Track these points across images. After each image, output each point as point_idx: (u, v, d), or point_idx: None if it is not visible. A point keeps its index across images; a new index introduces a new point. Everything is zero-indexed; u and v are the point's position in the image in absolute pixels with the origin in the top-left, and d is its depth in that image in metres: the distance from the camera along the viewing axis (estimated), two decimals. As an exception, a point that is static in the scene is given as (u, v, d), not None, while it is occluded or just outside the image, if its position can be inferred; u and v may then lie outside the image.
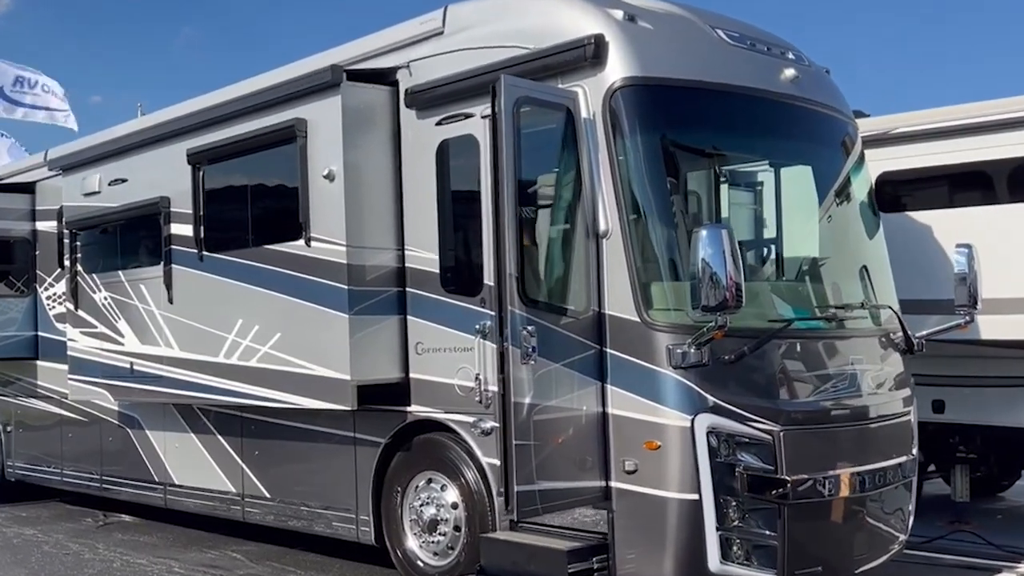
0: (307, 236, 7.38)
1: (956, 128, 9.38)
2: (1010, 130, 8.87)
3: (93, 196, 9.66)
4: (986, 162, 9.35)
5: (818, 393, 6.35)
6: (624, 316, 6.05)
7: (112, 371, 9.46)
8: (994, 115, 9.09)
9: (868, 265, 7.19)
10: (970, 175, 9.56)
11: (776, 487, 5.96)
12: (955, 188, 9.81)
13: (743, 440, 5.95)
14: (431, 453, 7.24)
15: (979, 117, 9.28)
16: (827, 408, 6.35)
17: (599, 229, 6.13)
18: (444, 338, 7.05)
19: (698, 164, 6.58)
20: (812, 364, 6.47)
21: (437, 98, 7.06)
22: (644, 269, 6.04)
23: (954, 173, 9.58)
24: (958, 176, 9.61)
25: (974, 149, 9.40)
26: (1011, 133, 8.88)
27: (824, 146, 7.12)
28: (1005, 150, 9.05)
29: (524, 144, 5.98)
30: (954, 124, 9.39)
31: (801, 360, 6.42)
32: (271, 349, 7.71)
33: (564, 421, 6.03)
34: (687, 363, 5.83)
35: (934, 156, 9.52)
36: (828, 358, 6.59)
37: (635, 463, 6.00)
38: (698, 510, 5.85)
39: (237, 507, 8.88)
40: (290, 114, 7.47)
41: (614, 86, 6.14)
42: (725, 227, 5.53)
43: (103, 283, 9.58)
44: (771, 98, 6.68)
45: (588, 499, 6.09)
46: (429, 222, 7.16)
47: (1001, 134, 9.10)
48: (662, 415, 5.90)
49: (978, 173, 9.50)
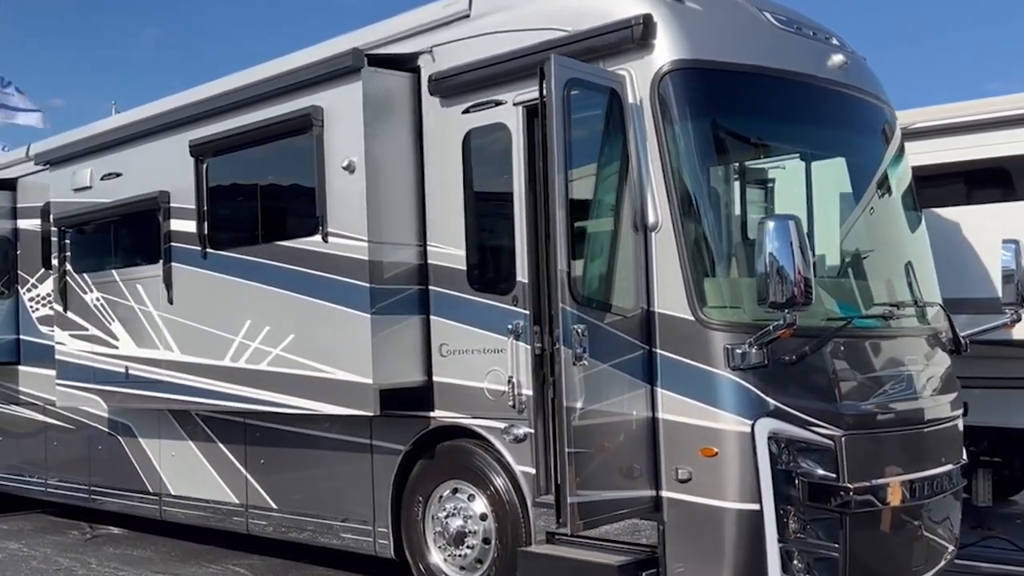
0: (324, 231, 6.94)
1: (974, 123, 9.18)
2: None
3: (84, 191, 9.15)
4: (1004, 158, 9.14)
5: (877, 396, 6.01)
6: (676, 314, 5.67)
7: (105, 376, 8.96)
8: (1012, 110, 8.89)
9: (913, 261, 6.87)
10: (988, 171, 9.35)
11: (838, 495, 5.61)
12: (972, 185, 9.60)
13: (804, 446, 5.60)
14: (457, 461, 6.83)
15: (997, 112, 9.09)
16: (886, 411, 6.02)
17: (648, 222, 5.76)
18: (472, 339, 6.65)
19: (751, 152, 6.23)
20: (869, 365, 6.14)
21: (464, 85, 6.66)
22: (697, 264, 5.67)
23: (971, 169, 9.36)
24: (975, 172, 9.40)
25: (992, 145, 9.20)
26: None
27: (871, 136, 6.80)
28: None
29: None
30: (971, 119, 9.18)
31: (858, 361, 6.08)
32: (283, 352, 7.26)
33: (611, 427, 5.64)
34: (747, 364, 5.46)
35: (951, 152, 9.30)
36: (884, 358, 6.26)
37: (689, 471, 5.62)
38: (758, 521, 5.48)
39: (240, 519, 8.41)
40: (305, 102, 7.03)
41: (663, 70, 5.78)
42: (793, 218, 5.17)
43: (95, 283, 9.07)
44: (821, 85, 6.36)
45: (638, 510, 5.71)
46: (454, 216, 6.76)
47: (1020, 129, 8.92)
48: (719, 420, 5.53)
49: (996, 169, 9.29)
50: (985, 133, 9.18)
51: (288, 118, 7.13)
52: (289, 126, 7.15)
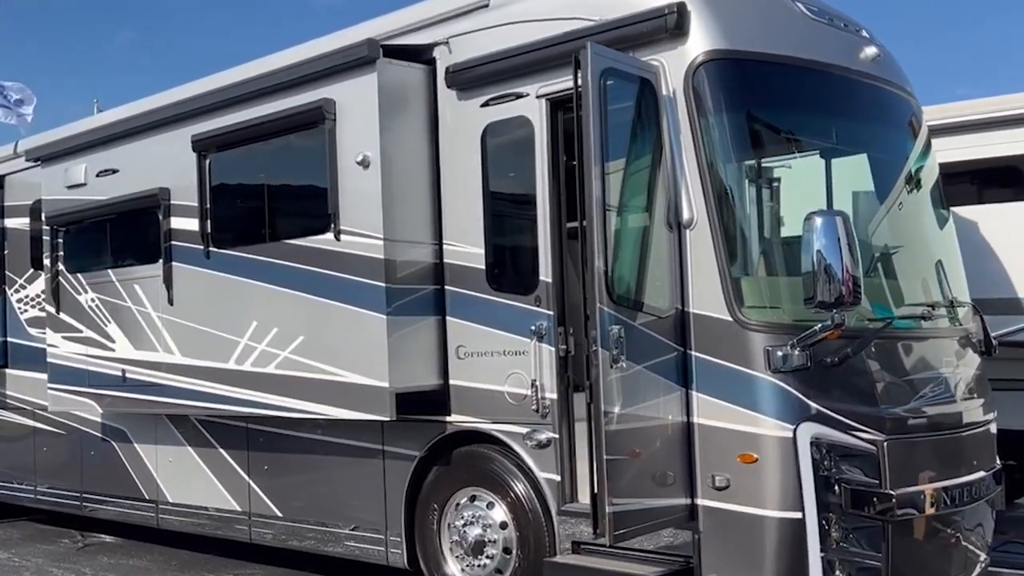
0: (336, 229, 6.67)
1: (985, 121, 9.03)
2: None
3: (78, 189, 8.83)
4: (1017, 156, 9.00)
5: (917, 399, 5.81)
6: (712, 315, 5.45)
7: (100, 379, 8.64)
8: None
9: (943, 259, 6.68)
10: (999, 170, 9.20)
11: (880, 503, 5.40)
12: (984, 184, 9.46)
13: (846, 451, 5.39)
14: (475, 467, 6.58)
15: (1009, 110, 8.95)
16: (926, 415, 5.82)
17: (682, 218, 5.53)
18: (491, 341, 6.40)
19: (788, 146, 6.00)
20: (907, 367, 5.94)
21: (483, 77, 6.42)
22: (735, 262, 5.45)
23: (983, 168, 9.22)
24: (987, 172, 9.26)
25: (1005, 143, 9.05)
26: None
27: (902, 130, 6.60)
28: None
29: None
30: (983, 117, 9.03)
31: (896, 363, 5.88)
32: (292, 354, 6.98)
33: (646, 432, 5.41)
34: (788, 366, 5.25)
35: (962, 151, 9.15)
36: (920, 360, 6.06)
37: (727, 478, 5.40)
38: (800, 530, 5.26)
39: (243, 527, 8.12)
40: (315, 94, 6.76)
41: (697, 60, 5.56)
42: (840, 214, 4.97)
43: (90, 283, 8.75)
44: (855, 77, 6.16)
45: (673, 519, 5.47)
46: (472, 213, 6.51)
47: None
48: (760, 424, 5.30)
49: (1008, 168, 9.15)
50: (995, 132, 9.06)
51: (298, 112, 6.86)
52: (299, 120, 6.87)
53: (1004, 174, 9.23)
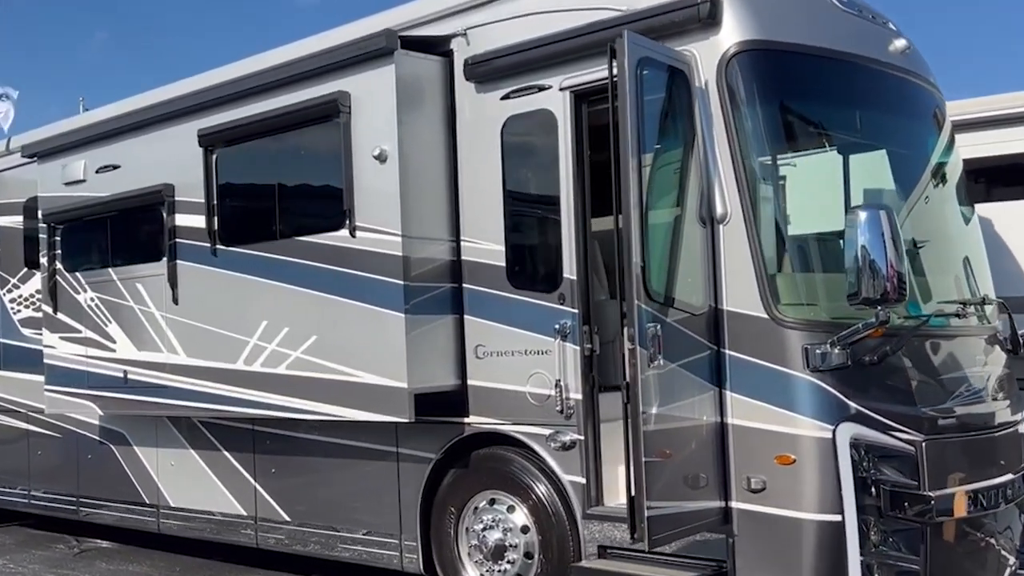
0: (352, 225, 6.49)
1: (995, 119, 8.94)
2: None
3: (77, 185, 8.60)
4: None
5: (953, 398, 5.68)
6: (747, 312, 5.30)
7: (100, 380, 8.42)
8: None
9: (970, 256, 6.56)
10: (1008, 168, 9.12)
11: (919, 504, 5.27)
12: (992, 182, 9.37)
13: (885, 452, 5.25)
14: (494, 470, 6.41)
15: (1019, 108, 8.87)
16: (961, 414, 5.69)
17: (716, 213, 5.38)
18: (512, 340, 6.24)
19: (822, 139, 5.86)
20: (941, 365, 5.81)
21: (503, 69, 6.25)
22: (770, 258, 5.31)
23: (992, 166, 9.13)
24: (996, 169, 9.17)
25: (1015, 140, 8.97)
26: None
27: (930, 124, 6.47)
28: None
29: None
30: (994, 114, 8.94)
31: (931, 361, 5.75)
32: (304, 354, 6.79)
33: (679, 433, 5.26)
34: (827, 365, 5.11)
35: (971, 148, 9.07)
36: (952, 359, 5.92)
37: (763, 480, 5.25)
38: (840, 533, 5.11)
39: (249, 531, 7.92)
40: (330, 87, 6.57)
41: (730, 51, 5.41)
42: (884, 208, 4.83)
43: (89, 282, 8.52)
44: (886, 70, 6.04)
45: (708, 523, 5.32)
46: (492, 209, 6.34)
47: None
48: (797, 425, 5.16)
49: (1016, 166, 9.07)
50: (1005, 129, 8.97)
51: (311, 105, 6.67)
52: (312, 113, 6.68)
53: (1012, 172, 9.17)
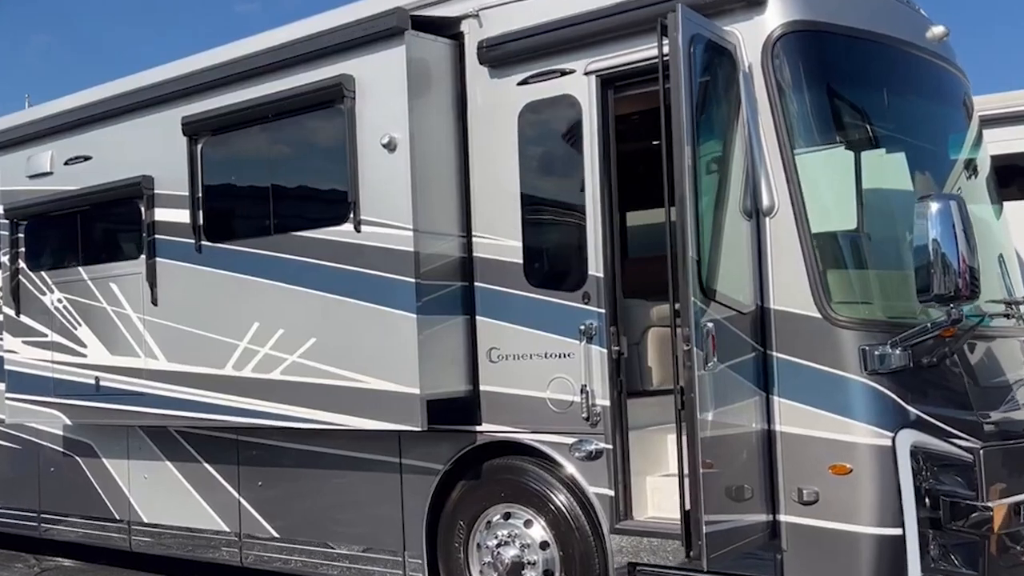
0: (356, 219, 6.02)
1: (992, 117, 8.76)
2: None
3: (42, 178, 8.02)
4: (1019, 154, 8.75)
5: (1007, 402, 5.39)
6: (796, 311, 4.95)
7: (69, 388, 7.83)
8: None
9: (1003, 253, 6.29)
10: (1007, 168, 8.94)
11: (978, 515, 4.94)
12: None
13: (944, 460, 4.92)
14: (509, 482, 5.99)
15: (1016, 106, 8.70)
16: (1012, 419, 5.39)
17: (762, 205, 5.02)
18: (530, 342, 5.83)
19: (872, 127, 5.53)
20: (989, 367, 5.52)
21: (521, 52, 5.85)
22: (822, 253, 4.95)
23: None
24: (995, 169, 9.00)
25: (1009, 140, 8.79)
26: None
27: (964, 113, 6.20)
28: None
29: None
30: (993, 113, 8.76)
31: (980, 363, 5.45)
32: (302, 358, 6.31)
33: (727, 441, 4.88)
34: (887, 367, 4.78)
35: None
36: (996, 360, 5.64)
37: (815, 491, 4.89)
38: (899, 547, 4.77)
39: (232, 548, 7.39)
40: (332, 70, 6.10)
41: (775, 33, 5.07)
42: (955, 198, 4.51)
43: (57, 282, 7.94)
44: (926, 56, 5.74)
45: (756, 538, 4.95)
46: (507, 203, 5.93)
47: None
48: (854, 432, 4.81)
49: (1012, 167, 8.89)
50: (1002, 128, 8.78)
51: (311, 90, 6.18)
52: (312, 99, 6.20)
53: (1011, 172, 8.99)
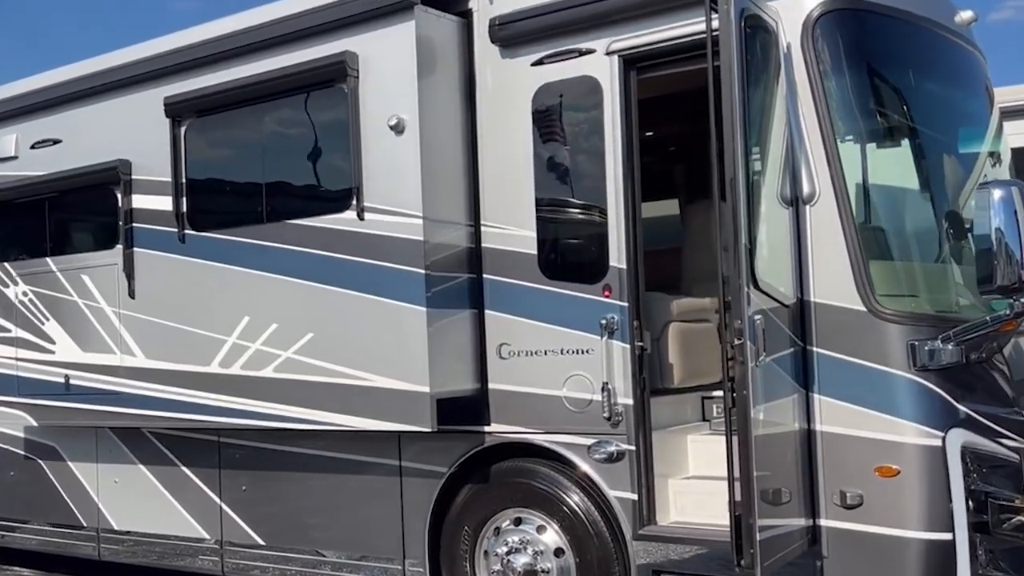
0: (360, 206, 5.67)
1: None
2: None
3: (6, 163, 7.52)
4: None
5: (1046, 400, 5.18)
6: (840, 304, 4.70)
7: (35, 387, 7.34)
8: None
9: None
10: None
11: (1023, 519, 4.74)
12: None
13: (993, 461, 4.71)
14: (519, 485, 5.67)
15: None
16: (1052, 419, 5.20)
17: (802, 192, 4.77)
18: (545, 337, 5.52)
19: (917, 111, 5.29)
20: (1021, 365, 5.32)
21: (536, 31, 5.55)
22: (867, 243, 4.71)
23: None
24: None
25: None
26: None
27: (989, 99, 6.00)
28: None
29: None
30: None
31: (1014, 359, 5.25)
32: (297, 354, 5.93)
33: (766, 441, 4.60)
34: (937, 363, 4.54)
35: None
36: (1027, 358, 5.46)
37: (859, 494, 4.64)
38: (950, 553, 4.54)
39: (213, 557, 6.96)
40: (333, 47, 5.74)
41: (816, 12, 4.82)
42: (1017, 184, 4.28)
43: (21, 274, 7.44)
44: (959, 41, 5.54)
45: (798, 544, 4.68)
46: (520, 190, 5.62)
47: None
48: (902, 431, 4.57)
49: None
50: None
51: (310, 68, 5.81)
52: (311, 77, 5.83)
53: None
